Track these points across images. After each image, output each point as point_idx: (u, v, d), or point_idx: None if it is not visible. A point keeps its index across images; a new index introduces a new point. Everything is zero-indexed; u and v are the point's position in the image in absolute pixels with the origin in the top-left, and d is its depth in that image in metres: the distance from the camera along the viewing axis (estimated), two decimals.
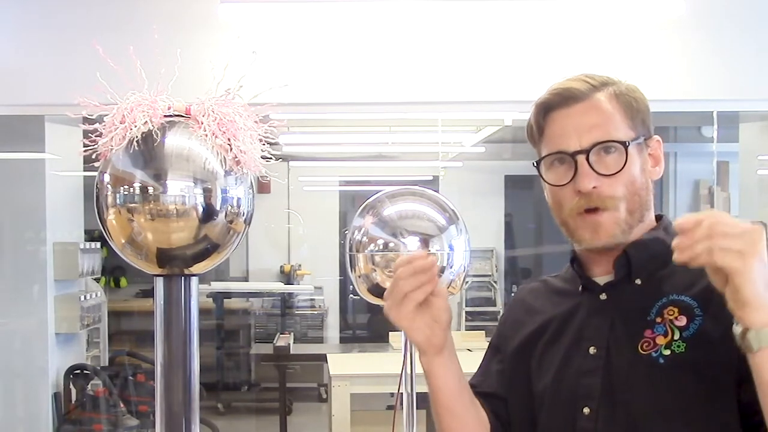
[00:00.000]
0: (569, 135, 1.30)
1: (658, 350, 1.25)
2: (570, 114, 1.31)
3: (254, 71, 1.36)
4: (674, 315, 1.26)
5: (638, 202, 1.30)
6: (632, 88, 1.34)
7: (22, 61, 3.39)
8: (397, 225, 1.71)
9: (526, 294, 1.51)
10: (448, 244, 1.71)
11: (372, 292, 1.75)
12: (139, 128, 1.23)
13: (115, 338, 6.22)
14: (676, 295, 1.28)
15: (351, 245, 1.74)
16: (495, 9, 3.44)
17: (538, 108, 1.35)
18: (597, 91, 1.31)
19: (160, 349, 1.31)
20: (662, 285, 1.30)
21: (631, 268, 1.32)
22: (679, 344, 1.24)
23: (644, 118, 1.33)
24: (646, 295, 1.30)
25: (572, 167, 1.29)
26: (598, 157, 1.28)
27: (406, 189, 1.79)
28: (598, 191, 1.28)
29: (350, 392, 4.21)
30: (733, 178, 5.04)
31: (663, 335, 1.26)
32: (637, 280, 1.32)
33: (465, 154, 7.07)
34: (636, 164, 1.30)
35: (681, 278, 1.28)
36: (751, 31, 3.44)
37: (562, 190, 1.31)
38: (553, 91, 1.34)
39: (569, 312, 1.38)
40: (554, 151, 1.32)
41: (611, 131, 1.29)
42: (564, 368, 1.34)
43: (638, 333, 1.27)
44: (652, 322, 1.27)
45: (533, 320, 1.43)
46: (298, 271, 7.54)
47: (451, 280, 1.73)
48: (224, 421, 6.34)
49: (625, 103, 1.31)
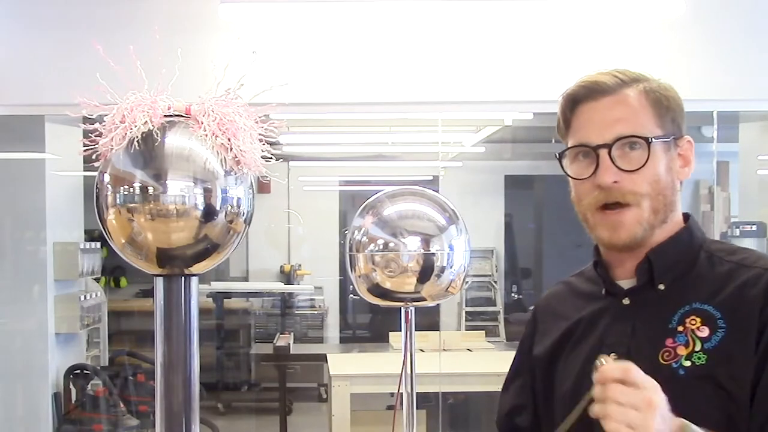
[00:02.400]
0: (594, 128, 1.28)
1: (678, 361, 1.22)
2: (596, 107, 1.30)
3: (254, 71, 1.36)
4: (696, 325, 1.23)
5: (662, 201, 1.28)
6: (665, 86, 1.32)
7: (22, 61, 3.39)
8: (397, 225, 1.71)
9: (549, 300, 1.49)
10: (448, 244, 1.71)
11: (372, 292, 1.75)
12: (139, 128, 1.23)
13: (115, 338, 6.22)
14: (700, 304, 1.25)
15: (351, 245, 1.74)
16: (495, 9, 3.44)
17: (566, 100, 1.34)
18: (626, 87, 1.29)
19: (160, 349, 1.31)
20: (686, 291, 1.27)
21: (653, 273, 1.29)
22: (700, 356, 1.22)
23: (675, 116, 1.31)
24: (669, 302, 1.27)
25: (594, 161, 1.27)
26: (621, 152, 1.26)
27: (406, 189, 1.79)
28: (619, 186, 1.26)
29: (350, 392, 4.21)
30: (733, 178, 5.04)
31: (684, 345, 1.23)
32: (660, 286, 1.29)
33: (465, 154, 7.07)
34: (661, 162, 1.27)
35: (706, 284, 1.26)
36: (751, 31, 3.44)
37: (583, 183, 1.30)
38: (582, 83, 1.32)
39: (593, 316, 1.35)
40: (578, 143, 1.30)
41: (636, 127, 1.27)
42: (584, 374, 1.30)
43: (659, 341, 1.25)
44: (673, 330, 1.25)
45: (559, 326, 1.40)
46: (298, 271, 7.54)
47: (451, 280, 1.73)
48: (224, 421, 6.34)
49: (654, 100, 1.29)
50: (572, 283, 1.46)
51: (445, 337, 4.99)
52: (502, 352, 5.60)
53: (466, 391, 4.92)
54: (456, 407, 5.28)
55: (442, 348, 4.74)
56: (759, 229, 4.45)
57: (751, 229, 4.46)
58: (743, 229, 4.50)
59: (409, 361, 1.76)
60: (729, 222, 5.07)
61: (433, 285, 1.72)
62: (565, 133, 1.35)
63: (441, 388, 4.21)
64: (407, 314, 1.76)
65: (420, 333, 1.96)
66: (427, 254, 1.69)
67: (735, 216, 5.11)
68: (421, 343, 4.67)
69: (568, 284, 1.47)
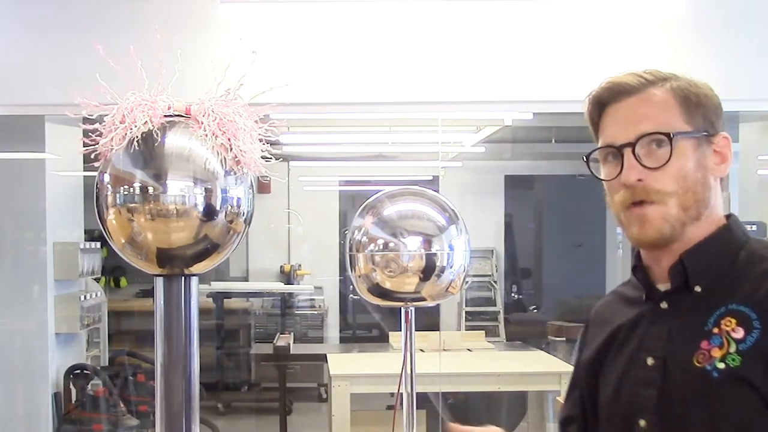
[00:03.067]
0: (619, 128, 1.28)
1: (712, 363, 1.20)
2: (620, 108, 1.29)
3: (254, 71, 1.36)
4: (731, 326, 1.21)
5: (692, 198, 1.25)
6: (696, 83, 1.30)
7: (22, 61, 3.39)
8: (397, 225, 1.71)
9: (600, 309, 1.47)
10: (448, 244, 1.71)
11: (372, 292, 1.75)
12: (139, 128, 1.23)
13: (115, 338, 6.22)
14: (736, 305, 1.22)
15: (351, 245, 1.74)
16: (495, 9, 3.44)
17: (592, 103, 1.32)
18: (651, 86, 1.28)
19: (160, 349, 1.31)
20: (723, 293, 1.25)
21: (687, 275, 1.27)
22: (734, 357, 1.19)
23: (706, 113, 1.28)
24: (705, 303, 1.25)
25: (620, 161, 1.26)
26: (647, 150, 1.25)
27: (406, 189, 1.79)
28: (644, 184, 1.24)
29: (350, 392, 4.21)
30: (733, 178, 5.03)
31: (719, 347, 1.21)
32: (696, 288, 1.27)
33: (465, 154, 7.07)
34: (689, 159, 1.25)
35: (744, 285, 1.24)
36: (750, 32, 3.44)
37: (612, 184, 1.29)
38: (605, 85, 1.31)
39: (634, 321, 1.34)
40: (604, 144, 1.30)
41: (661, 124, 1.25)
42: (623, 379, 1.31)
43: (695, 344, 1.23)
44: (708, 332, 1.22)
45: (603, 332, 1.39)
46: (298, 271, 7.53)
47: (451, 280, 1.73)
48: (224, 421, 6.34)
49: (682, 97, 1.27)
50: (620, 291, 1.45)
51: (445, 337, 4.99)
52: (502, 352, 5.60)
53: (466, 391, 4.93)
54: (456, 407, 5.28)
55: (442, 348, 4.74)
56: (759, 229, 4.45)
57: (751, 229, 4.46)
58: None
59: (409, 361, 1.76)
60: None
61: (433, 285, 1.72)
62: (595, 136, 1.34)
63: (441, 388, 4.21)
64: (407, 314, 1.77)
65: (420, 333, 1.96)
66: (427, 254, 1.70)
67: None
68: (421, 343, 4.67)
69: (616, 293, 1.45)
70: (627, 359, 1.31)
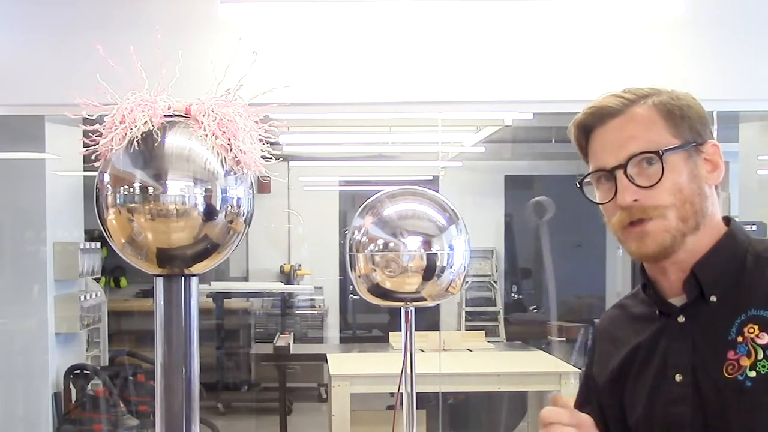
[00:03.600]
0: (608, 151, 1.28)
1: (743, 373, 1.20)
2: (607, 131, 1.29)
3: (254, 71, 1.36)
4: (755, 333, 1.21)
5: (691, 210, 1.26)
6: (677, 95, 1.31)
7: (22, 61, 3.39)
8: (397, 225, 1.71)
9: (607, 324, 1.46)
10: (448, 244, 1.71)
11: (372, 292, 1.75)
12: (139, 128, 1.23)
13: (115, 338, 6.22)
14: (755, 310, 1.23)
15: (351, 245, 1.74)
16: (495, 9, 3.44)
17: (578, 129, 1.34)
18: (633, 105, 1.29)
19: (160, 349, 1.31)
20: (740, 299, 1.25)
21: (702, 287, 1.27)
22: (764, 364, 1.19)
23: (692, 124, 1.29)
24: (724, 313, 1.25)
25: (614, 183, 1.27)
26: (639, 170, 1.26)
27: (406, 189, 1.79)
28: (640, 204, 1.25)
29: (350, 392, 4.21)
30: (733, 178, 5.04)
31: (746, 356, 1.21)
32: (712, 298, 1.27)
33: (465, 154, 7.07)
34: (681, 172, 1.26)
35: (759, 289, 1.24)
36: (750, 32, 3.44)
37: (608, 206, 1.30)
38: (588, 111, 1.32)
39: (652, 338, 1.33)
40: (595, 169, 1.31)
41: (648, 143, 1.26)
42: (653, 398, 1.30)
43: (722, 355, 1.23)
44: (733, 342, 1.23)
45: (619, 352, 1.38)
46: (298, 271, 7.54)
47: (451, 280, 1.73)
48: (224, 421, 6.34)
49: (665, 112, 1.28)
50: (627, 306, 1.44)
51: (445, 337, 4.99)
52: (502, 352, 5.60)
53: (466, 391, 4.92)
54: (456, 407, 5.28)
55: (442, 348, 4.74)
56: (759, 229, 4.45)
57: (751, 229, 4.46)
58: None
59: (409, 361, 1.76)
60: None
61: (433, 285, 1.72)
62: (585, 160, 1.35)
63: (441, 388, 4.21)
64: (407, 314, 1.77)
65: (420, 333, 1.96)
66: (427, 254, 1.70)
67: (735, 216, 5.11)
68: (421, 343, 4.67)
69: (623, 307, 1.44)
70: (653, 378, 1.30)
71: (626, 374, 1.36)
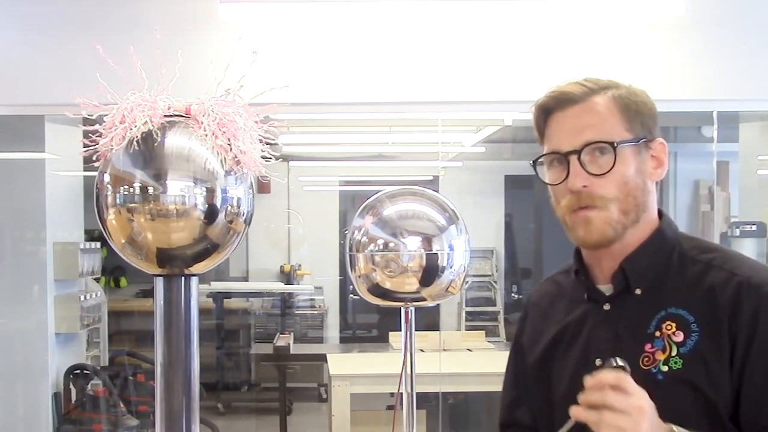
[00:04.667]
0: (564, 136, 1.34)
1: (657, 366, 1.27)
2: (566, 116, 1.34)
3: (254, 71, 1.36)
4: (672, 330, 1.28)
5: (633, 203, 1.32)
6: (634, 91, 1.36)
7: (22, 61, 3.39)
8: (397, 225, 1.71)
9: (539, 299, 1.53)
10: (448, 244, 1.71)
11: (372, 292, 1.75)
12: (139, 128, 1.23)
13: (115, 338, 6.22)
14: (675, 309, 1.30)
15: (351, 245, 1.74)
16: (495, 9, 3.44)
17: (538, 110, 1.39)
18: (594, 95, 1.34)
19: (160, 349, 1.31)
20: (663, 296, 1.32)
21: (628, 280, 1.34)
22: (676, 360, 1.27)
23: (645, 120, 1.34)
24: (646, 307, 1.32)
25: (566, 167, 1.32)
26: (591, 158, 1.31)
27: (406, 189, 1.79)
28: (589, 190, 1.30)
29: (350, 392, 4.21)
30: (733, 178, 5.04)
31: (662, 350, 1.28)
32: (637, 291, 1.34)
33: (465, 154, 7.07)
34: (630, 165, 1.31)
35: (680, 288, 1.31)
36: (750, 32, 3.44)
37: (558, 188, 1.35)
38: (551, 94, 1.37)
39: (579, 320, 1.40)
40: (550, 151, 1.36)
41: (604, 133, 1.31)
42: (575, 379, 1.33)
43: (639, 347, 1.30)
44: (651, 336, 1.30)
45: (549, 329, 1.45)
46: (298, 271, 7.54)
47: (451, 280, 1.73)
48: (224, 421, 6.34)
49: (622, 106, 1.33)
50: (558, 281, 1.51)
51: (445, 337, 4.99)
52: (502, 352, 5.59)
53: (466, 391, 4.92)
54: (456, 407, 5.28)
55: (442, 348, 4.74)
56: (759, 229, 4.45)
57: (751, 229, 4.46)
58: (743, 229, 4.50)
59: (409, 361, 1.76)
60: (729, 222, 5.06)
61: (433, 285, 1.72)
62: (540, 142, 1.41)
63: (441, 388, 4.21)
64: (407, 314, 1.77)
65: (420, 333, 1.96)
66: (427, 254, 1.70)
67: (735, 216, 5.11)
68: (421, 343, 4.67)
69: (555, 282, 1.52)
70: (576, 359, 1.38)
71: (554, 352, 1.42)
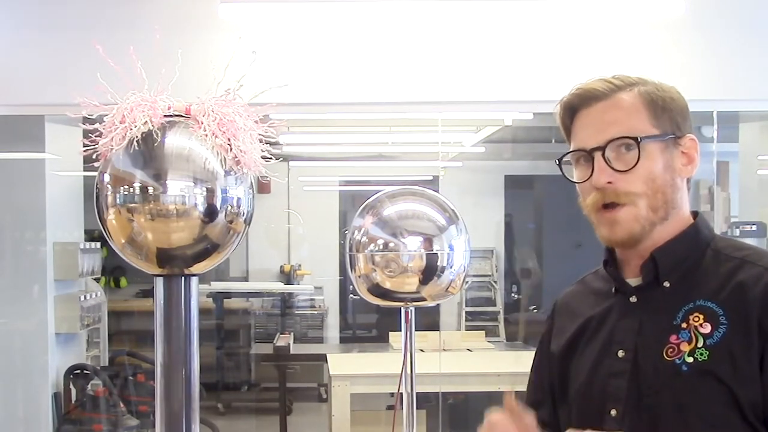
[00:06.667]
0: (589, 133, 1.33)
1: (681, 357, 1.26)
2: (591, 113, 1.34)
3: (254, 71, 1.36)
4: (699, 321, 1.26)
5: (661, 199, 1.30)
6: (663, 87, 1.34)
7: (22, 61, 3.39)
8: (397, 225, 1.71)
9: (568, 299, 1.52)
10: (448, 244, 1.71)
11: (372, 292, 1.75)
12: (139, 128, 1.23)
13: (115, 338, 6.22)
14: (703, 301, 1.28)
15: (351, 245, 1.74)
16: (495, 9, 3.44)
17: (564, 109, 1.38)
18: (619, 91, 1.33)
19: (160, 349, 1.31)
20: (691, 289, 1.30)
21: (658, 271, 1.32)
22: (702, 352, 1.24)
23: (673, 116, 1.33)
24: (674, 299, 1.31)
25: (591, 164, 1.31)
26: (616, 154, 1.30)
27: (406, 189, 1.80)
28: (614, 187, 1.29)
29: (350, 392, 4.21)
30: (733, 178, 5.03)
31: (687, 342, 1.26)
32: (665, 283, 1.32)
33: (465, 154, 7.07)
34: (657, 161, 1.30)
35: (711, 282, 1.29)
36: (750, 32, 3.44)
37: (584, 186, 1.34)
38: (575, 92, 1.36)
39: (604, 313, 1.39)
40: (576, 149, 1.35)
41: (628, 128, 1.30)
42: (595, 369, 1.35)
43: (664, 338, 1.28)
44: (677, 327, 1.28)
45: (573, 324, 1.44)
46: (298, 271, 7.53)
47: (451, 280, 1.73)
48: (224, 421, 6.34)
49: (649, 102, 1.32)
50: (587, 281, 1.50)
51: (445, 337, 4.99)
52: (502, 352, 5.60)
53: (466, 391, 4.92)
54: (456, 407, 5.27)
55: (442, 348, 4.74)
56: (759, 229, 4.45)
57: (751, 229, 4.46)
58: (743, 229, 4.49)
59: (409, 361, 1.76)
60: (729, 222, 5.06)
61: (433, 285, 1.72)
62: (567, 140, 1.39)
63: (441, 388, 4.21)
64: (407, 314, 1.77)
65: (420, 333, 1.96)
66: (427, 254, 1.70)
67: (735, 216, 5.11)
68: (421, 343, 4.67)
69: (584, 283, 1.50)
70: (598, 350, 1.36)
71: (576, 345, 1.41)
